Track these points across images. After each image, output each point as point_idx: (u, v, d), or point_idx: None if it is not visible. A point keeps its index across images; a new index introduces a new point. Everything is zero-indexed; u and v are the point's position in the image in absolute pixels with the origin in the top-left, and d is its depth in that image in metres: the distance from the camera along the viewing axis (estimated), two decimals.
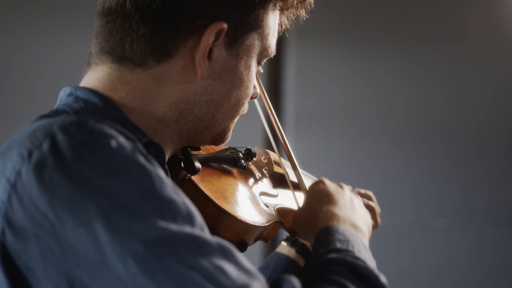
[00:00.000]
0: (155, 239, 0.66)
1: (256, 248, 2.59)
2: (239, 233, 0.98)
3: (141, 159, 0.72)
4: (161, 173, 0.74)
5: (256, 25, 0.91)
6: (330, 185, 1.09)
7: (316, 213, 1.00)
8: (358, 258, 0.87)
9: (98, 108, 0.85)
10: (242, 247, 0.99)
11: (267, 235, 1.07)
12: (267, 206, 1.08)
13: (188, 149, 1.00)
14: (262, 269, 1.34)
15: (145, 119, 0.88)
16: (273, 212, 1.07)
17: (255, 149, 1.17)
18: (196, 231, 0.70)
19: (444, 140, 2.70)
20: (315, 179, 1.34)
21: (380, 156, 2.70)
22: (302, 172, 1.27)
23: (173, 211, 0.70)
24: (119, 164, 0.70)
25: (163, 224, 0.67)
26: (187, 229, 0.69)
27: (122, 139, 0.74)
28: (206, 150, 1.07)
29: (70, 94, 0.88)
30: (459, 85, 2.70)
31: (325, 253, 0.88)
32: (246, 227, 0.98)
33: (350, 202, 1.05)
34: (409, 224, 2.67)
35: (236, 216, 0.95)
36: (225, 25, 0.86)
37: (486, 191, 2.69)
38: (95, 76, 0.89)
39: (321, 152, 2.70)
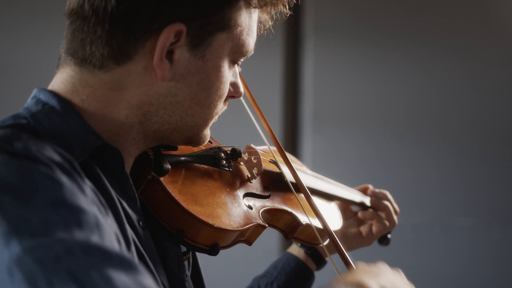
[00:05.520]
0: (46, 254, 0.65)
1: (273, 243, 2.58)
2: (210, 237, 0.96)
3: (56, 176, 0.72)
4: (85, 188, 0.75)
5: (223, 25, 0.89)
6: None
7: None
8: None
9: (54, 110, 0.86)
10: (213, 251, 0.97)
11: (248, 238, 1.04)
12: (251, 208, 1.05)
13: (161, 149, 0.98)
14: (271, 269, 1.34)
15: (107, 122, 0.88)
16: (257, 215, 1.05)
17: (247, 148, 1.14)
18: (94, 240, 0.69)
19: (469, 138, 2.66)
20: (315, 175, 1.32)
21: (400, 154, 2.67)
22: (299, 170, 1.23)
23: (79, 220, 0.69)
24: (26, 182, 0.71)
25: (61, 235, 0.67)
26: (84, 238, 0.68)
27: (42, 156, 0.74)
28: (190, 149, 1.05)
29: (34, 96, 0.89)
30: (483, 84, 2.66)
31: None
32: (216, 231, 0.95)
33: (376, 269, 0.89)
34: (431, 223, 2.64)
35: (203, 220, 0.94)
36: (182, 27, 0.85)
37: (510, 190, 2.65)
38: (60, 78, 0.90)
39: (339, 151, 2.68)
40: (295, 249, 1.34)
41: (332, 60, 2.71)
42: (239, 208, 1.03)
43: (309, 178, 1.27)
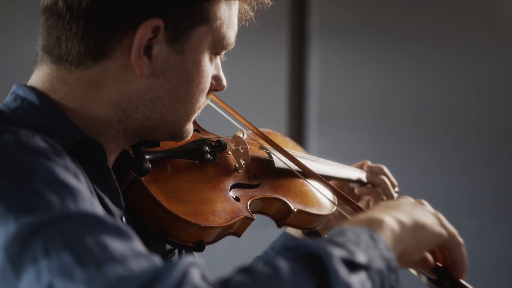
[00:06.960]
0: (25, 231, 0.64)
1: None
2: (194, 235, 0.94)
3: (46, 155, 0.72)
4: (77, 171, 0.74)
5: (202, 19, 0.87)
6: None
7: None
8: (330, 241, 0.69)
9: (34, 105, 0.85)
10: (199, 248, 0.96)
11: (236, 230, 1.03)
12: (238, 200, 1.03)
13: (143, 146, 0.96)
14: (269, 250, 1.31)
15: (86, 119, 0.87)
16: (244, 207, 1.02)
17: (234, 138, 1.12)
18: (90, 210, 0.68)
19: (475, 138, 2.65)
20: (309, 157, 1.29)
21: (406, 153, 2.66)
22: (299, 156, 1.21)
23: (74, 196, 0.68)
24: (20, 166, 0.70)
25: (58, 209, 0.66)
26: (80, 208, 0.68)
27: (33, 144, 0.73)
28: (174, 144, 1.02)
29: (13, 92, 0.88)
30: (488, 83, 2.65)
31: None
32: (200, 229, 0.94)
33: (393, 203, 0.85)
34: None
35: (186, 219, 0.92)
36: (160, 22, 0.84)
37: None
38: (37, 76, 0.89)
39: (344, 150, 2.66)
40: (293, 229, 1.31)
41: (337, 59, 2.71)
42: (225, 202, 1.01)
43: (303, 161, 1.24)
